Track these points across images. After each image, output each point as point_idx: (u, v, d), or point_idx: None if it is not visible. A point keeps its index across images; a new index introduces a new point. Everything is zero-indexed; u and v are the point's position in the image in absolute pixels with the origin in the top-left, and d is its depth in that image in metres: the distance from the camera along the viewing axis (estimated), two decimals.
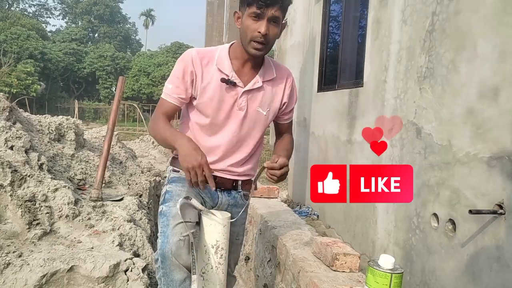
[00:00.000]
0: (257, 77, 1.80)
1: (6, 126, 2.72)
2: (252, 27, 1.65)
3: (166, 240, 1.65)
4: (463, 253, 2.25)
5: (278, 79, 1.86)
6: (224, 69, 1.75)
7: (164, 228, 1.69)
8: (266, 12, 1.62)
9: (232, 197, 1.90)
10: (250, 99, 1.79)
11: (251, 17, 1.64)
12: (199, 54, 1.77)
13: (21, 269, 1.87)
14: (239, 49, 1.77)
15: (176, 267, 1.63)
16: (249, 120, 1.82)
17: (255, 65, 1.80)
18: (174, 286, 1.66)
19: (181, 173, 1.84)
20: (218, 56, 1.78)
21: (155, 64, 38.90)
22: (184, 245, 1.64)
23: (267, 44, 1.69)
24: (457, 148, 2.33)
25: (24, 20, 41.14)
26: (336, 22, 5.04)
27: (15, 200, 2.23)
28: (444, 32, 2.52)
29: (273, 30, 1.67)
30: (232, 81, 1.75)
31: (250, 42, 1.67)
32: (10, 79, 29.81)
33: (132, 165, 3.99)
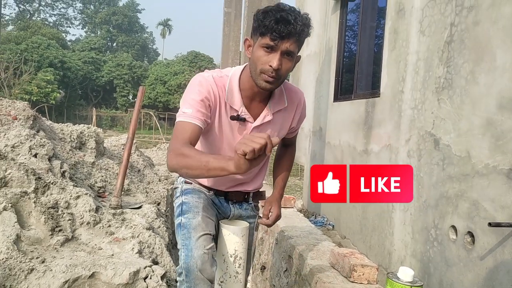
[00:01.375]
0: (267, 110, 1.70)
1: (30, 134, 2.80)
2: (264, 59, 1.52)
3: (190, 254, 1.60)
4: (482, 266, 2.23)
5: (289, 107, 1.77)
6: (234, 104, 1.65)
7: (186, 240, 1.65)
8: (280, 45, 1.48)
9: (244, 209, 1.92)
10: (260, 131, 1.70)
11: (263, 48, 1.51)
12: (216, 82, 1.64)
13: (44, 274, 1.91)
14: (248, 80, 1.64)
15: (201, 281, 1.61)
16: None
17: (265, 96, 1.70)
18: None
19: (194, 185, 1.84)
20: (229, 88, 1.65)
21: (172, 73, 39.33)
22: (208, 259, 1.61)
23: (279, 78, 1.56)
24: (476, 159, 2.32)
25: (44, 30, 42.14)
26: (352, 32, 5.05)
27: (38, 206, 2.29)
28: (462, 43, 2.52)
29: (286, 65, 1.53)
30: (242, 118, 1.66)
31: (260, 74, 1.54)
32: (30, 87, 30.49)
33: (150, 173, 4.05)
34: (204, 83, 1.62)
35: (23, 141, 2.72)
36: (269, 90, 1.61)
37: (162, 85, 38.99)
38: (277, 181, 1.93)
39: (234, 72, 1.70)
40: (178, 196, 1.85)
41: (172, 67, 40.62)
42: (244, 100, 1.66)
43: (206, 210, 1.76)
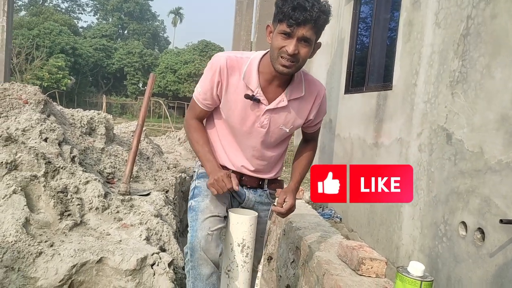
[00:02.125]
0: (283, 95, 1.72)
1: (41, 118, 2.80)
2: (281, 44, 1.57)
3: (195, 234, 1.67)
4: (492, 263, 2.20)
5: (307, 96, 1.78)
6: (251, 84, 1.69)
7: (193, 222, 1.71)
8: (296, 32, 1.53)
9: (258, 195, 1.92)
10: (272, 118, 1.74)
11: (281, 35, 1.56)
12: (229, 62, 1.70)
13: (53, 258, 1.92)
14: (268, 64, 1.68)
15: (204, 261, 1.66)
16: (272, 136, 1.79)
17: (283, 81, 1.72)
18: (201, 280, 1.68)
19: None
20: (247, 69, 1.70)
21: (182, 62, 39.28)
22: (212, 240, 1.66)
23: (296, 63, 1.60)
24: (489, 155, 2.28)
25: (56, 16, 42.25)
26: (365, 24, 4.99)
27: (48, 191, 2.30)
28: (479, 36, 2.46)
29: (303, 50, 1.57)
30: (256, 98, 1.69)
31: (277, 58, 1.59)
32: (41, 73, 30.66)
33: (158, 160, 4.06)
34: (214, 63, 1.72)
35: (34, 125, 2.73)
36: (286, 74, 1.64)
37: (172, 74, 38.98)
38: (294, 174, 1.93)
39: (256, 56, 1.74)
40: (193, 180, 1.92)
41: (182, 56, 40.56)
42: (261, 82, 1.70)
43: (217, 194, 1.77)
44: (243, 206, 1.92)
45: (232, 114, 1.74)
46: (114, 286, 1.94)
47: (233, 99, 1.72)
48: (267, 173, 1.91)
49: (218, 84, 1.71)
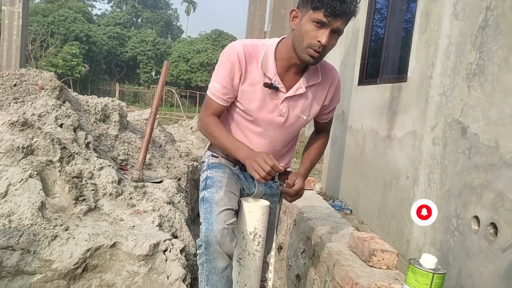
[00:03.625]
0: (300, 82, 1.70)
1: (57, 104, 2.84)
2: (312, 34, 1.51)
3: (210, 228, 1.63)
4: (504, 258, 2.19)
5: (323, 83, 1.76)
6: (268, 72, 1.66)
7: (207, 214, 1.68)
8: (332, 23, 1.49)
9: (269, 186, 1.92)
10: (291, 105, 1.72)
11: (313, 23, 1.50)
12: (246, 51, 1.66)
13: (67, 242, 1.96)
14: (287, 51, 1.65)
15: (220, 254, 1.63)
16: (290, 125, 1.78)
17: (301, 69, 1.70)
18: (216, 273, 1.66)
19: (220, 159, 1.86)
20: (264, 56, 1.67)
21: (195, 51, 39.30)
22: (228, 233, 1.63)
23: (323, 53, 1.57)
24: (505, 149, 2.25)
25: (71, 3, 42.46)
26: (380, 15, 4.92)
27: (63, 175, 2.33)
28: (498, 28, 2.42)
29: (332, 42, 1.55)
30: (275, 86, 1.66)
31: (306, 48, 1.54)
32: (56, 60, 30.94)
33: (171, 149, 4.08)
34: (231, 55, 1.66)
35: (50, 110, 2.76)
36: (312, 64, 1.62)
37: (185, 63, 39.03)
38: (304, 161, 1.89)
39: (271, 42, 1.70)
40: (204, 170, 1.88)
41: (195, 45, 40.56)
42: (278, 70, 1.67)
43: (230, 185, 1.77)
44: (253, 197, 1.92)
45: (250, 104, 1.71)
46: (127, 270, 1.97)
47: (251, 89, 1.69)
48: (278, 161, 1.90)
49: (240, 76, 1.67)
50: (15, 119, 2.45)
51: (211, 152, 1.89)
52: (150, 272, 1.97)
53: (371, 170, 4.22)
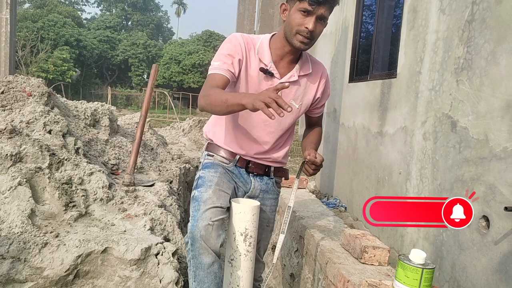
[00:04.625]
0: (294, 71, 1.83)
1: (45, 110, 2.81)
2: (300, 21, 1.68)
3: (195, 224, 1.68)
4: (497, 251, 2.20)
5: (314, 75, 1.90)
6: (264, 59, 1.80)
7: (195, 212, 1.73)
8: (316, 10, 1.65)
9: (265, 183, 1.95)
10: (284, 91, 1.81)
11: (300, 12, 1.67)
12: (244, 39, 1.81)
13: (58, 248, 1.94)
14: (280, 41, 1.80)
15: (205, 250, 1.67)
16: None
17: (293, 58, 1.83)
18: (202, 269, 1.70)
19: (215, 158, 1.91)
20: (260, 45, 1.82)
21: (186, 52, 39.19)
22: (213, 230, 1.67)
23: (312, 39, 1.72)
24: (494, 142, 2.26)
25: (60, 8, 42.24)
26: (370, 11, 4.93)
27: (52, 182, 2.31)
28: (484, 22, 2.43)
29: (319, 28, 1.70)
30: (270, 72, 1.79)
31: (296, 34, 1.70)
32: (46, 65, 30.75)
33: (163, 151, 4.07)
34: (232, 40, 1.80)
35: (38, 117, 2.74)
36: (304, 49, 1.77)
37: (177, 65, 38.92)
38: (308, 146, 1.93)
39: (265, 36, 1.87)
40: (198, 170, 1.96)
41: (186, 47, 40.44)
42: (273, 57, 1.81)
43: (220, 183, 1.82)
44: (249, 195, 1.94)
45: (248, 87, 1.82)
46: (119, 275, 1.96)
47: (249, 74, 1.80)
48: (273, 157, 1.93)
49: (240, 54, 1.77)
50: (3, 127, 2.43)
51: (207, 152, 1.96)
52: (142, 276, 1.96)
53: (364, 166, 4.23)
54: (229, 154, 1.91)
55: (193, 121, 6.72)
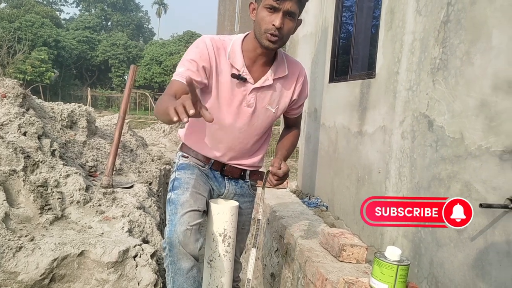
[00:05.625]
0: (268, 74, 1.75)
1: (20, 112, 2.75)
2: (267, 19, 1.61)
3: (173, 229, 1.64)
4: (473, 247, 2.24)
5: (290, 76, 1.81)
6: (236, 63, 1.71)
7: (172, 216, 1.69)
8: (282, 6, 1.58)
9: (240, 186, 1.91)
10: (259, 97, 1.75)
11: (266, 9, 1.60)
12: (213, 43, 1.71)
13: (33, 252, 1.90)
14: (251, 42, 1.72)
15: (184, 255, 1.63)
16: (258, 117, 1.79)
17: (267, 60, 1.75)
18: (182, 274, 1.66)
19: (190, 159, 1.86)
20: (231, 49, 1.72)
21: (167, 53, 38.91)
22: (192, 234, 1.63)
23: (281, 37, 1.63)
24: (469, 141, 2.30)
25: (38, 8, 41.43)
26: (349, 12, 4.98)
27: (27, 185, 2.27)
28: (459, 23, 2.47)
29: (288, 25, 1.62)
30: (242, 77, 1.70)
31: (264, 33, 1.62)
32: (24, 66, 30.14)
33: (142, 153, 4.02)
34: (200, 44, 1.70)
35: (12, 119, 2.68)
36: (272, 49, 1.68)
37: (158, 66, 38.62)
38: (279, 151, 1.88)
39: (238, 37, 1.78)
40: (173, 171, 1.89)
41: (168, 47, 40.16)
42: (246, 61, 1.72)
43: (197, 186, 1.77)
44: (223, 198, 1.91)
45: (219, 95, 1.73)
46: (96, 278, 1.92)
47: (220, 81, 1.71)
48: (249, 162, 1.90)
49: (206, 60, 1.68)
50: None
51: (181, 153, 1.89)
52: (120, 279, 1.93)
53: (345, 166, 4.26)
54: (203, 157, 1.85)
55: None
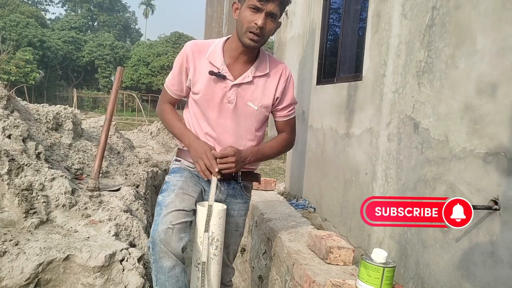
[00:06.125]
0: (248, 72, 1.81)
1: (4, 114, 2.71)
2: (249, 18, 1.67)
3: (156, 228, 1.68)
4: (458, 248, 2.27)
5: (271, 75, 1.86)
6: (215, 62, 1.79)
7: (157, 216, 1.73)
8: (265, 7, 1.64)
9: (232, 187, 1.93)
10: (239, 93, 1.81)
11: (249, 9, 1.66)
12: (195, 46, 1.82)
13: (18, 257, 1.87)
14: (234, 42, 1.79)
15: (165, 254, 1.66)
16: (241, 114, 1.84)
17: (248, 59, 1.82)
18: (163, 272, 1.68)
19: (182, 162, 1.92)
20: (212, 49, 1.81)
21: (155, 54, 38.70)
22: (173, 233, 1.66)
23: (262, 37, 1.71)
24: (454, 143, 2.34)
25: (23, 7, 40.87)
26: (337, 14, 5.01)
27: (12, 188, 2.23)
28: (443, 27, 2.51)
29: (269, 25, 1.69)
30: (221, 75, 1.77)
31: (246, 32, 1.69)
32: (8, 67, 29.70)
33: (129, 155, 3.99)
34: (182, 51, 1.84)
35: None
36: (253, 48, 1.75)
37: (145, 67, 38.38)
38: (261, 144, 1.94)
39: (221, 39, 1.88)
40: (166, 175, 1.97)
41: (155, 48, 39.93)
42: (226, 60, 1.80)
43: (185, 187, 1.81)
44: (216, 199, 1.91)
45: (200, 92, 1.81)
46: (82, 283, 1.90)
47: (200, 79, 1.80)
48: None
49: (186, 70, 1.82)
50: None
51: (175, 157, 1.97)
52: (107, 283, 1.92)
53: (332, 168, 4.29)
54: None
55: (161, 124, 6.63)
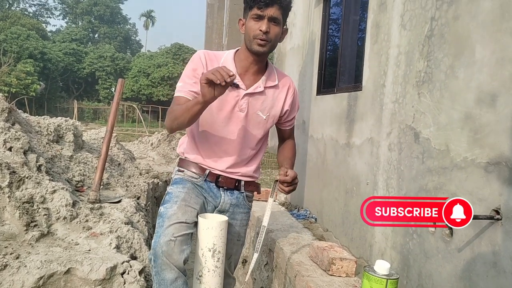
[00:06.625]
0: (260, 82, 1.87)
1: (5, 127, 2.72)
2: (254, 27, 1.75)
3: (157, 240, 1.69)
4: (460, 258, 2.25)
5: (280, 87, 1.94)
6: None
7: (158, 228, 1.73)
8: (266, 13, 1.72)
9: (235, 197, 1.94)
10: (251, 102, 1.85)
11: (253, 19, 1.75)
12: (208, 55, 1.87)
13: (18, 270, 1.86)
14: (243, 53, 1.86)
15: (167, 266, 1.66)
16: (250, 123, 1.88)
17: (259, 70, 1.88)
18: (165, 285, 1.68)
19: (185, 174, 1.92)
20: (224, 59, 1.87)
21: (155, 65, 38.84)
22: (175, 245, 1.66)
23: (269, 42, 1.77)
24: (455, 153, 2.34)
25: (24, 20, 41.14)
26: (336, 25, 5.04)
27: (13, 201, 2.23)
28: (442, 37, 2.53)
29: (273, 29, 1.75)
30: (235, 83, 1.80)
31: (253, 39, 1.76)
32: (9, 79, 29.80)
33: (130, 166, 3.99)
34: (195, 58, 1.87)
35: None
36: (262, 53, 1.81)
37: (146, 78, 38.50)
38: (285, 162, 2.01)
39: (230, 51, 1.93)
40: (169, 185, 1.96)
41: (155, 59, 40.09)
42: (238, 70, 1.86)
43: (187, 199, 1.82)
44: (219, 209, 1.92)
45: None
46: None
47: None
48: (244, 171, 1.93)
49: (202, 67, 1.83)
50: None
51: (177, 168, 1.97)
52: None
53: (333, 178, 4.28)
54: (199, 168, 1.91)
55: (162, 135, 6.65)
